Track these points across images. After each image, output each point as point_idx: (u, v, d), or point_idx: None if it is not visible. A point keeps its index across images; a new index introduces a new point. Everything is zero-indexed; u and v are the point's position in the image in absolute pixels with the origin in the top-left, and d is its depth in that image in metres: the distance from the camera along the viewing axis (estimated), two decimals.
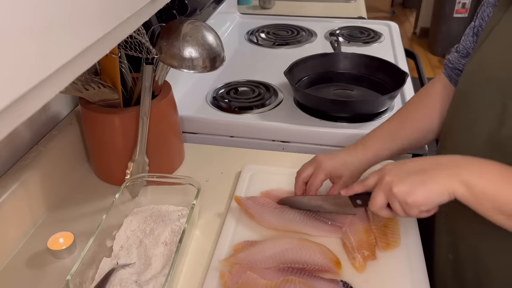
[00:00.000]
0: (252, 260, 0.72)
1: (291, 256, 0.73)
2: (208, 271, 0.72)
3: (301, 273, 0.70)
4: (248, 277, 0.68)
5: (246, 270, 0.70)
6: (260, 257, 0.72)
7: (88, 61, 0.42)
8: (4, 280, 0.74)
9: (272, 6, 2.03)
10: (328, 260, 0.72)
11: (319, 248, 0.74)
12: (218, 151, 1.05)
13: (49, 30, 0.34)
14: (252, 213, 0.81)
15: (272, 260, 0.72)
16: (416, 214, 0.63)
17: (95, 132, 0.90)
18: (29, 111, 0.35)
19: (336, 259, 0.73)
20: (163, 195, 0.87)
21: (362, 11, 1.98)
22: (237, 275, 0.69)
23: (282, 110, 1.16)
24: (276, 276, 0.69)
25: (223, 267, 0.72)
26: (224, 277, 0.70)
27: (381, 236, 0.77)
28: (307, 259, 0.72)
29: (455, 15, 3.66)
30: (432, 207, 0.62)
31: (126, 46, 0.83)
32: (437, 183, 0.60)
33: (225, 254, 0.75)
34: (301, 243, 0.75)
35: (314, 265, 0.71)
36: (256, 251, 0.73)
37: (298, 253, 0.73)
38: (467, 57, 0.80)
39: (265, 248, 0.74)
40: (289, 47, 1.57)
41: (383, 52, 1.47)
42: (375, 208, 0.66)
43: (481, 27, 0.76)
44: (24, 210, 0.81)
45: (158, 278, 0.70)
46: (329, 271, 0.71)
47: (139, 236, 0.78)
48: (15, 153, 0.84)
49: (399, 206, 0.63)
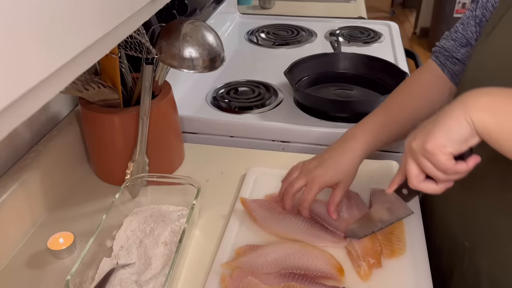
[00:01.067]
0: (253, 265, 0.71)
1: (293, 261, 0.72)
2: (209, 275, 0.72)
3: (303, 279, 0.69)
4: (249, 282, 0.68)
5: (247, 274, 0.69)
6: (262, 261, 0.71)
7: (88, 61, 0.42)
8: (4, 280, 0.74)
9: (272, 6, 2.03)
10: (330, 266, 0.71)
11: (322, 254, 0.73)
12: (218, 151, 1.05)
13: (49, 30, 0.34)
14: (255, 217, 0.80)
15: (273, 265, 0.71)
16: (450, 166, 0.55)
17: (95, 132, 0.90)
18: (29, 111, 0.35)
19: (339, 265, 0.72)
20: (163, 195, 0.87)
21: (362, 11, 1.98)
22: (238, 279, 0.69)
23: (282, 110, 1.16)
24: (277, 282, 0.69)
25: (224, 271, 0.72)
26: (225, 281, 0.69)
27: (387, 243, 0.75)
28: (309, 265, 0.71)
29: (455, 15, 3.66)
30: (458, 145, 0.54)
31: (126, 46, 0.83)
32: (452, 116, 0.54)
33: (227, 258, 0.74)
34: (303, 248, 0.74)
35: (316, 272, 0.70)
36: (258, 255, 0.73)
37: (300, 259, 0.72)
38: (467, 46, 0.79)
39: (267, 253, 0.73)
40: (289, 47, 1.57)
41: (383, 52, 1.47)
42: (413, 181, 0.60)
43: (484, 18, 0.75)
44: (24, 210, 0.81)
45: (158, 278, 0.70)
46: (332, 278, 0.70)
47: (139, 236, 0.78)
48: (15, 153, 0.84)
49: (427, 162, 0.57)
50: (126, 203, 0.84)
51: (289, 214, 0.81)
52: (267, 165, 0.97)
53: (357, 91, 1.25)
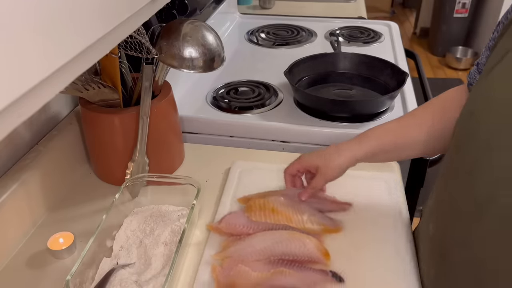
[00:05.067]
0: (243, 254, 0.73)
1: (281, 248, 0.74)
2: (200, 265, 0.74)
3: (291, 265, 0.72)
4: (239, 270, 0.70)
5: (237, 263, 0.71)
6: (251, 250, 0.74)
7: (88, 61, 0.42)
8: (4, 280, 0.74)
9: (272, 6, 2.03)
10: (317, 251, 0.74)
11: (309, 240, 0.76)
12: (218, 151, 1.05)
13: (49, 30, 0.34)
14: (237, 234, 0.79)
15: (263, 253, 0.74)
16: None
17: (95, 132, 0.90)
18: (29, 111, 0.35)
19: (325, 251, 0.75)
20: (163, 195, 0.87)
21: (362, 11, 1.98)
22: (229, 268, 0.71)
23: (282, 110, 1.16)
24: (267, 268, 0.71)
25: (214, 262, 0.73)
26: (216, 271, 0.71)
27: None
28: (297, 251, 0.74)
29: (455, 15, 3.67)
30: None
31: (126, 46, 0.83)
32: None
33: (216, 249, 0.76)
34: (291, 236, 0.76)
35: (304, 257, 0.73)
36: (246, 245, 0.75)
37: (288, 246, 0.74)
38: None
39: (256, 242, 0.75)
40: (289, 47, 1.57)
41: (383, 52, 1.47)
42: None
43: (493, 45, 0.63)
44: (24, 210, 0.81)
45: (158, 278, 0.70)
46: (319, 262, 0.73)
47: (139, 236, 0.78)
48: (15, 153, 0.84)
49: None
50: (126, 203, 0.84)
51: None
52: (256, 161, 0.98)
53: (357, 91, 1.25)
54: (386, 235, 0.79)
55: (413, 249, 0.77)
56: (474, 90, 0.62)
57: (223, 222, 0.80)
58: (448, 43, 3.76)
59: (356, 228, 0.81)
